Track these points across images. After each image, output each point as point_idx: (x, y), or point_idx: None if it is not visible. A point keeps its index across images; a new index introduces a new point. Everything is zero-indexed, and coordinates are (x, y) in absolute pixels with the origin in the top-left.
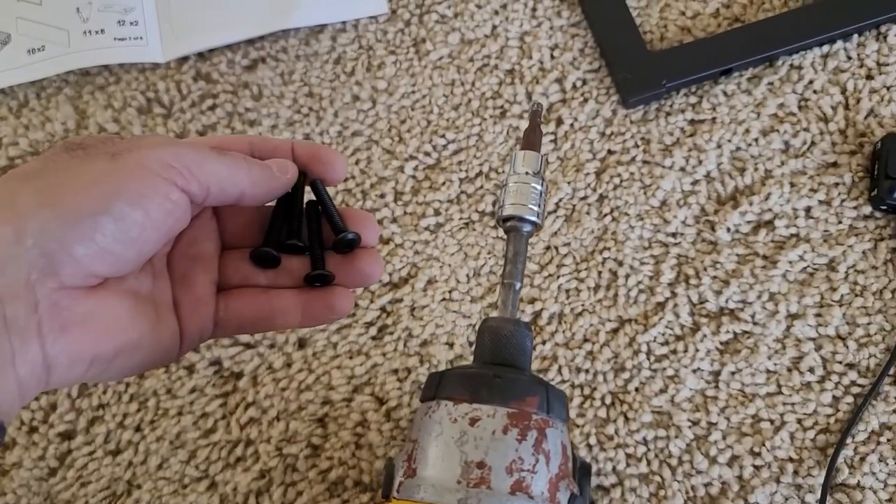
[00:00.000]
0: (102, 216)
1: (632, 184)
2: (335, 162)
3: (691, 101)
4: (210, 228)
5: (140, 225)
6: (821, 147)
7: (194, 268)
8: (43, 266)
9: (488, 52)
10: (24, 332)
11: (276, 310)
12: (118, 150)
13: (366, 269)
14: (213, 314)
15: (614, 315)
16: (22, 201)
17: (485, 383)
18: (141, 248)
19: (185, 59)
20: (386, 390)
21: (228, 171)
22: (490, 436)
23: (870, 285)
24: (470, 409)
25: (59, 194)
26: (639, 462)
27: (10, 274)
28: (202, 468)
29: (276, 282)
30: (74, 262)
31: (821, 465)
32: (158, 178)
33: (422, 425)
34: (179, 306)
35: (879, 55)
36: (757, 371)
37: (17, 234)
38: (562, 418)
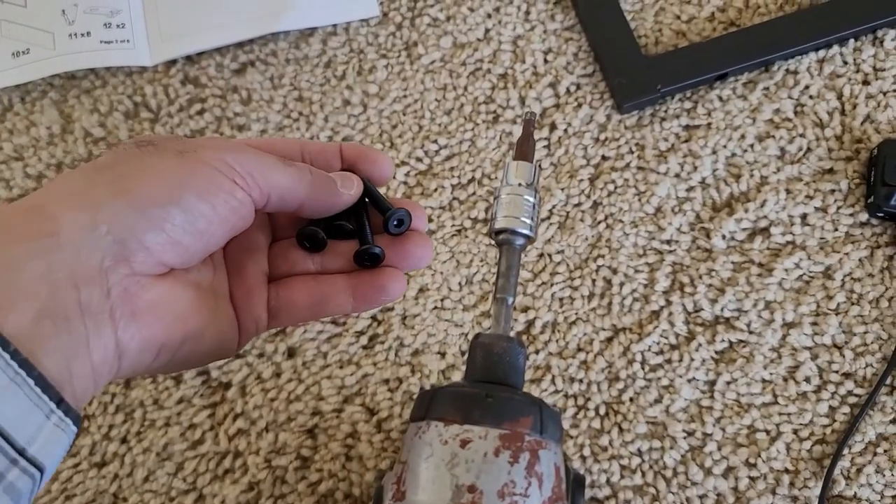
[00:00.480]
0: (172, 207)
1: (626, 190)
2: (382, 161)
3: (686, 107)
4: (261, 220)
5: (207, 218)
6: (817, 153)
7: (245, 258)
8: (116, 253)
9: (481, 56)
10: (99, 317)
11: (328, 294)
12: (185, 149)
13: (416, 252)
14: (265, 304)
15: (608, 324)
16: (97, 191)
17: (477, 404)
18: (207, 242)
19: (173, 63)
20: (377, 401)
21: (291, 183)
22: (482, 458)
23: (866, 293)
24: (461, 431)
25: (131, 185)
26: (633, 474)
27: (85, 259)
28: (189, 480)
29: (326, 267)
30: (145, 251)
31: (817, 476)
32: (224, 177)
33: (411, 447)
34: (233, 297)
35: (876, 60)
36: (753, 381)
37: (93, 221)
38: (555, 439)
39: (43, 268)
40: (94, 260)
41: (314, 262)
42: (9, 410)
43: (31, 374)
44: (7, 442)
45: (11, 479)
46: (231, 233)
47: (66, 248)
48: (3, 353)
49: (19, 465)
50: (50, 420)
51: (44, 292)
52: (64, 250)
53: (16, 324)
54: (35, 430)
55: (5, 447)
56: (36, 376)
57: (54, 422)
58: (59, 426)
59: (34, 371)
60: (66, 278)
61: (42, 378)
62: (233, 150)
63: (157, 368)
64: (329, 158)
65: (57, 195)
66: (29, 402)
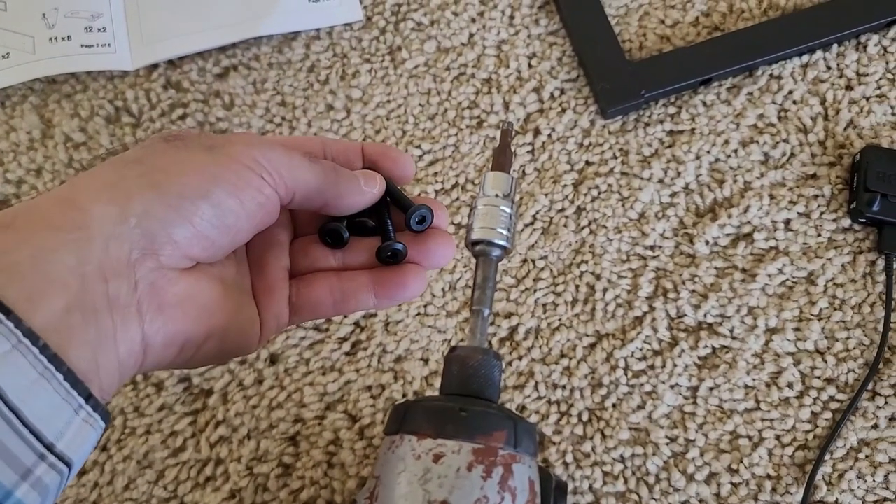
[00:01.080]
0: (201, 201)
1: (610, 196)
2: (403, 160)
3: (670, 112)
4: (283, 216)
5: (235, 213)
6: (800, 158)
7: (267, 255)
8: (144, 246)
9: (465, 60)
10: (126, 311)
11: (349, 290)
12: (214, 144)
13: (438, 250)
14: (286, 300)
15: (592, 330)
16: (126, 184)
17: (450, 418)
18: (234, 236)
19: (155, 67)
20: (359, 408)
21: (316, 181)
22: (454, 473)
23: (849, 299)
24: (434, 445)
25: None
26: (616, 480)
27: (114, 252)
28: (171, 489)
29: (347, 263)
30: (173, 244)
31: (799, 482)
32: (252, 172)
33: (385, 461)
34: (255, 293)
35: (859, 65)
36: (735, 386)
37: (122, 213)
38: (530, 453)
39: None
40: (122, 252)
41: (335, 258)
42: (37, 405)
43: (61, 370)
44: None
45: (39, 473)
46: (257, 228)
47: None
48: (32, 348)
49: (47, 461)
50: (79, 415)
51: (74, 285)
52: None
53: (46, 316)
54: (64, 425)
55: (34, 442)
56: (65, 371)
57: (83, 417)
58: (87, 421)
59: (63, 366)
60: (96, 271)
61: (71, 373)
62: (261, 146)
63: (180, 363)
64: (351, 157)
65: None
66: (58, 397)
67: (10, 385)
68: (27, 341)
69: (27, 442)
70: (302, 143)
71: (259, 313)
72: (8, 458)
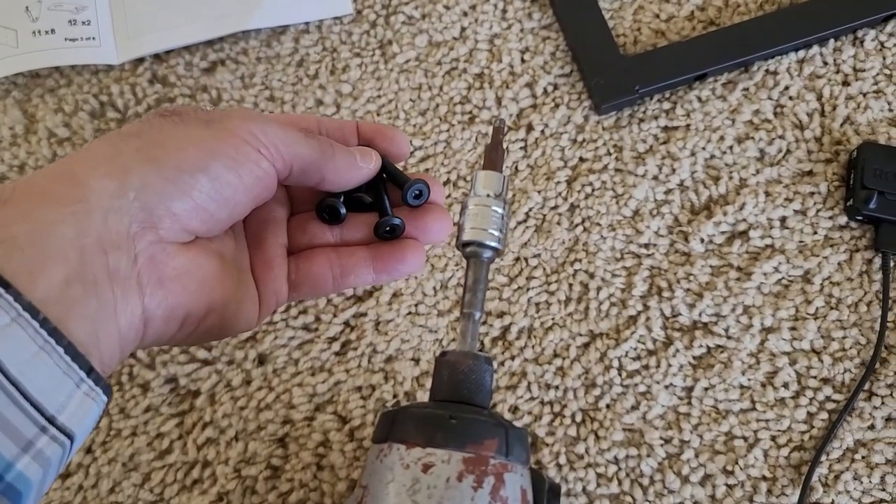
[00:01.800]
0: (200, 174)
1: (604, 193)
2: (399, 138)
3: (665, 108)
4: (280, 193)
5: (233, 187)
6: (796, 155)
7: (264, 231)
8: (142, 219)
9: (457, 54)
10: (126, 283)
11: (348, 266)
12: (211, 118)
13: (435, 224)
14: (285, 277)
15: (585, 329)
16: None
17: (440, 426)
18: (232, 210)
19: (141, 61)
20: (349, 409)
21: (314, 155)
22: (444, 484)
23: (845, 298)
24: (423, 455)
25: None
26: (609, 482)
27: (113, 225)
28: (157, 491)
29: (345, 239)
30: (172, 217)
31: (795, 483)
32: (249, 146)
33: (372, 470)
34: (254, 269)
35: (856, 60)
36: (730, 387)
37: (120, 187)
38: (522, 461)
39: (72, 233)
40: (121, 226)
41: (333, 234)
42: (38, 379)
43: (61, 343)
44: (37, 409)
45: (41, 446)
46: (255, 202)
47: (94, 213)
48: (32, 321)
49: (49, 433)
50: (80, 389)
51: (73, 257)
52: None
53: (46, 288)
54: (65, 398)
55: (34, 414)
56: (66, 345)
57: (84, 391)
58: (89, 395)
59: (64, 340)
60: (95, 243)
61: (72, 346)
62: (258, 121)
63: (180, 339)
64: (346, 135)
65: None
66: (59, 370)
67: (10, 358)
68: (27, 315)
69: (28, 414)
70: (298, 120)
71: (258, 289)
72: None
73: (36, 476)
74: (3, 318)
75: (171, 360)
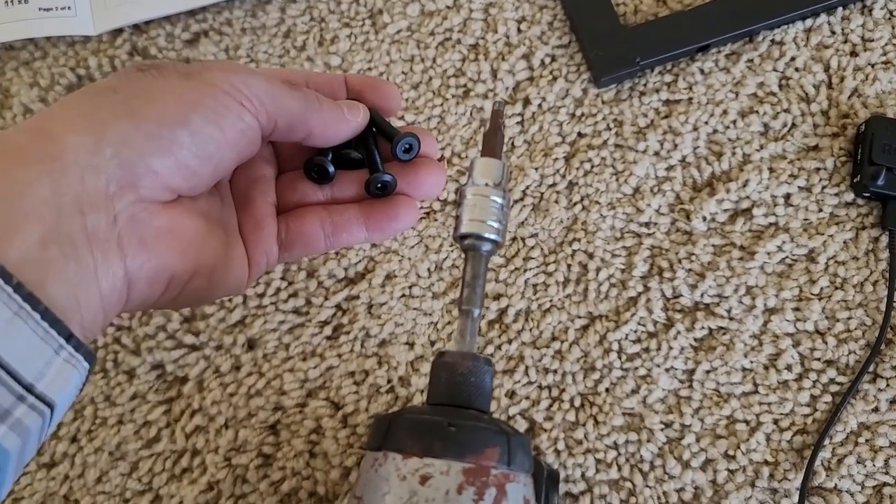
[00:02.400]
0: (180, 129)
1: (603, 170)
2: (388, 90)
3: (666, 80)
4: (266, 151)
5: (216, 142)
6: (802, 129)
7: (252, 190)
8: (121, 177)
9: (450, 24)
10: (106, 245)
11: (339, 224)
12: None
13: (428, 179)
14: (275, 236)
15: (584, 311)
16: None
17: (438, 434)
18: (216, 166)
19: (119, 32)
20: (342, 395)
21: (299, 108)
22: (443, 497)
23: (850, 277)
24: (421, 465)
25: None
26: (609, 468)
27: (90, 184)
28: (145, 481)
29: (336, 197)
30: (153, 175)
31: (797, 467)
32: (231, 99)
33: (367, 480)
34: (242, 230)
35: (865, 30)
36: (732, 369)
37: (97, 143)
38: (524, 469)
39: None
40: (99, 184)
41: (324, 192)
42: (13, 346)
43: (37, 308)
44: (13, 378)
45: (18, 415)
46: (238, 158)
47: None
48: (5, 287)
49: (27, 402)
50: (59, 356)
51: (49, 217)
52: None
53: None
54: (43, 365)
55: (10, 383)
56: (42, 310)
57: (64, 357)
58: (69, 362)
59: (40, 305)
60: (72, 202)
61: (49, 312)
62: (240, 72)
63: (165, 302)
64: (335, 88)
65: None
66: (35, 336)
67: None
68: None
69: (4, 383)
70: (284, 74)
71: (247, 250)
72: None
73: (14, 446)
74: None
75: (157, 346)
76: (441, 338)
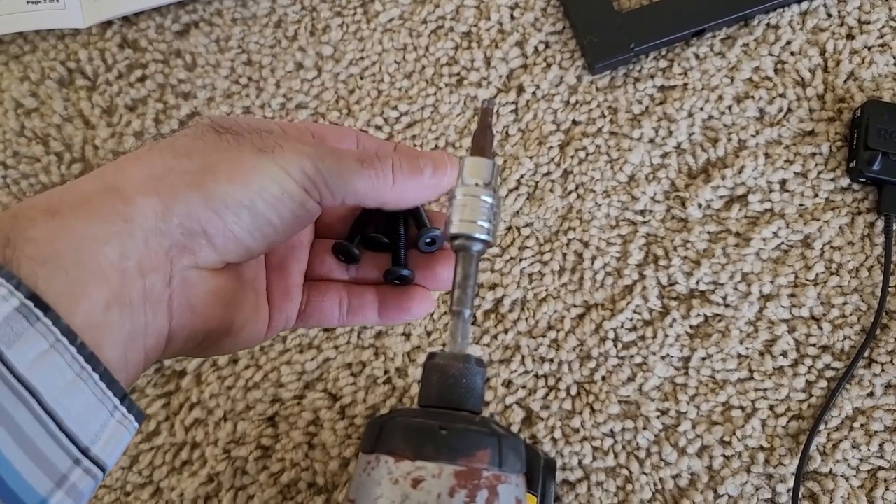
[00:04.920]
0: (243, 210)
1: (598, 157)
2: None
3: (661, 66)
4: None
5: (273, 226)
6: (797, 114)
7: (289, 258)
8: (183, 245)
9: (443, 12)
10: (158, 305)
11: (355, 307)
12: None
13: (444, 273)
14: (298, 306)
15: (580, 300)
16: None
17: (429, 437)
18: (269, 244)
19: (109, 25)
20: (339, 386)
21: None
22: (435, 499)
23: (846, 263)
24: (413, 468)
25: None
26: (605, 455)
27: (153, 247)
28: (145, 474)
29: (359, 277)
30: (211, 247)
31: (793, 452)
32: (299, 187)
33: (360, 484)
34: (271, 294)
35: (861, 12)
36: (728, 356)
37: (166, 210)
38: (516, 470)
39: (116, 255)
40: (161, 248)
41: (349, 272)
42: (74, 408)
43: (97, 370)
44: (72, 441)
45: (74, 479)
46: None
47: (137, 233)
48: (69, 347)
49: (82, 465)
50: (114, 417)
51: (115, 280)
52: (135, 236)
53: (86, 312)
54: (99, 427)
55: (69, 446)
56: (101, 371)
57: (118, 418)
58: (121, 423)
59: (100, 366)
60: (135, 266)
61: (107, 373)
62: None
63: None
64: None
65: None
66: (94, 398)
67: (47, 387)
68: (65, 340)
69: (63, 446)
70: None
71: (270, 314)
72: (44, 464)
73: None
74: (41, 343)
75: None
76: (437, 328)
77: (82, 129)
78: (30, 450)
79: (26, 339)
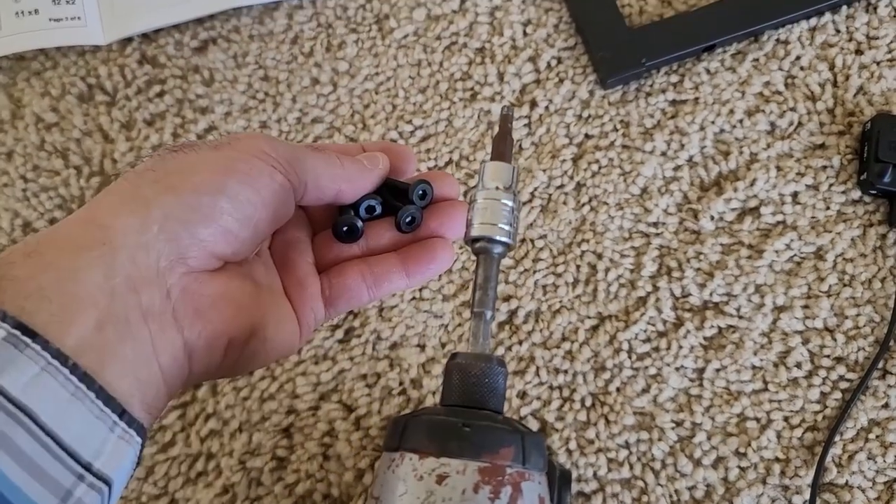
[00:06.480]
0: (219, 195)
1: (611, 170)
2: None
3: (672, 81)
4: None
5: (252, 204)
6: (808, 128)
7: (291, 252)
8: (170, 252)
9: (457, 28)
10: (162, 319)
11: (379, 275)
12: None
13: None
14: (319, 294)
15: (594, 311)
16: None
17: (453, 434)
18: (256, 228)
19: (129, 41)
20: (354, 397)
21: (325, 166)
22: (460, 496)
23: (858, 274)
24: (437, 465)
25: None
26: (621, 467)
27: (141, 262)
28: (161, 485)
29: (371, 248)
30: (199, 245)
31: (808, 464)
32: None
33: (384, 481)
34: (287, 291)
35: (869, 28)
36: (742, 367)
37: (143, 222)
38: (539, 468)
39: (100, 277)
40: (150, 261)
41: (359, 246)
42: (72, 426)
43: (92, 388)
44: (73, 458)
45: (79, 495)
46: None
47: (119, 252)
48: (62, 369)
49: (86, 481)
50: (114, 433)
51: (103, 300)
52: (118, 256)
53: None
54: (100, 443)
55: (71, 463)
56: (97, 389)
57: (118, 434)
58: (123, 438)
59: (95, 384)
60: (124, 283)
61: (103, 390)
62: (266, 139)
63: (227, 369)
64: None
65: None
66: (91, 415)
67: (43, 408)
68: (56, 362)
69: (64, 463)
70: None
71: (295, 310)
72: (46, 481)
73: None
74: (32, 368)
75: None
76: (452, 340)
77: (101, 143)
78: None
79: (17, 364)
